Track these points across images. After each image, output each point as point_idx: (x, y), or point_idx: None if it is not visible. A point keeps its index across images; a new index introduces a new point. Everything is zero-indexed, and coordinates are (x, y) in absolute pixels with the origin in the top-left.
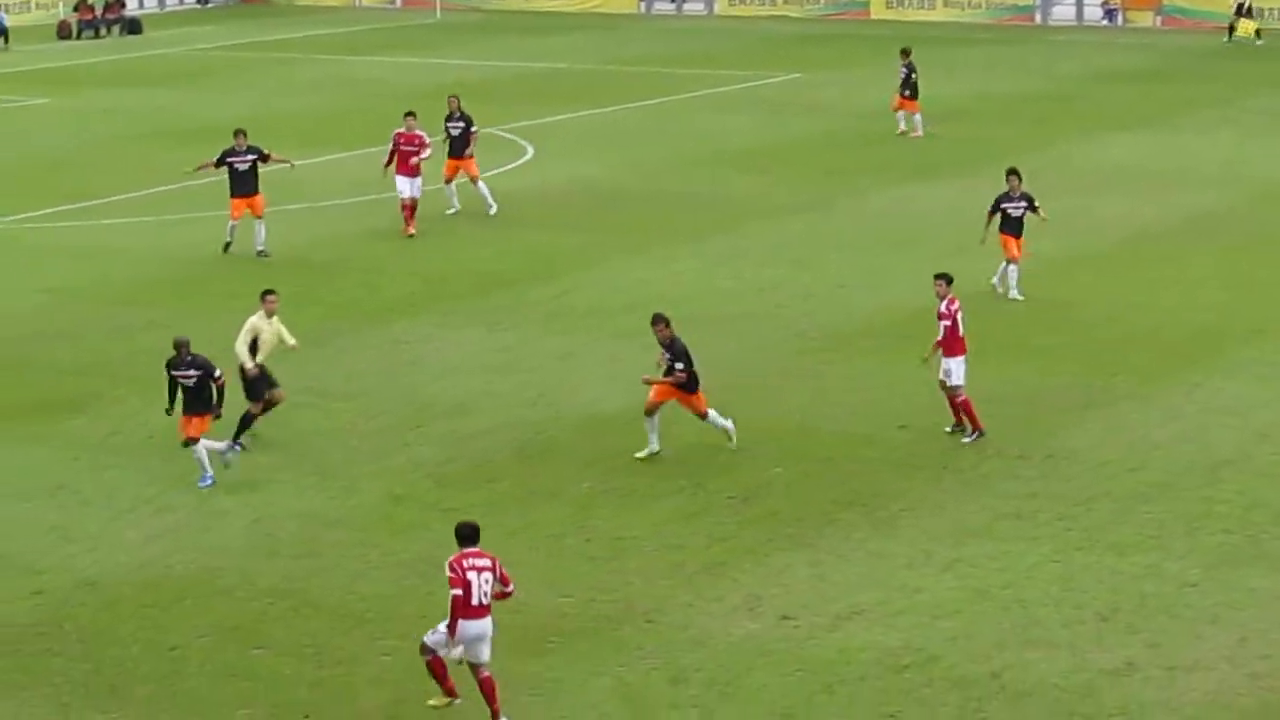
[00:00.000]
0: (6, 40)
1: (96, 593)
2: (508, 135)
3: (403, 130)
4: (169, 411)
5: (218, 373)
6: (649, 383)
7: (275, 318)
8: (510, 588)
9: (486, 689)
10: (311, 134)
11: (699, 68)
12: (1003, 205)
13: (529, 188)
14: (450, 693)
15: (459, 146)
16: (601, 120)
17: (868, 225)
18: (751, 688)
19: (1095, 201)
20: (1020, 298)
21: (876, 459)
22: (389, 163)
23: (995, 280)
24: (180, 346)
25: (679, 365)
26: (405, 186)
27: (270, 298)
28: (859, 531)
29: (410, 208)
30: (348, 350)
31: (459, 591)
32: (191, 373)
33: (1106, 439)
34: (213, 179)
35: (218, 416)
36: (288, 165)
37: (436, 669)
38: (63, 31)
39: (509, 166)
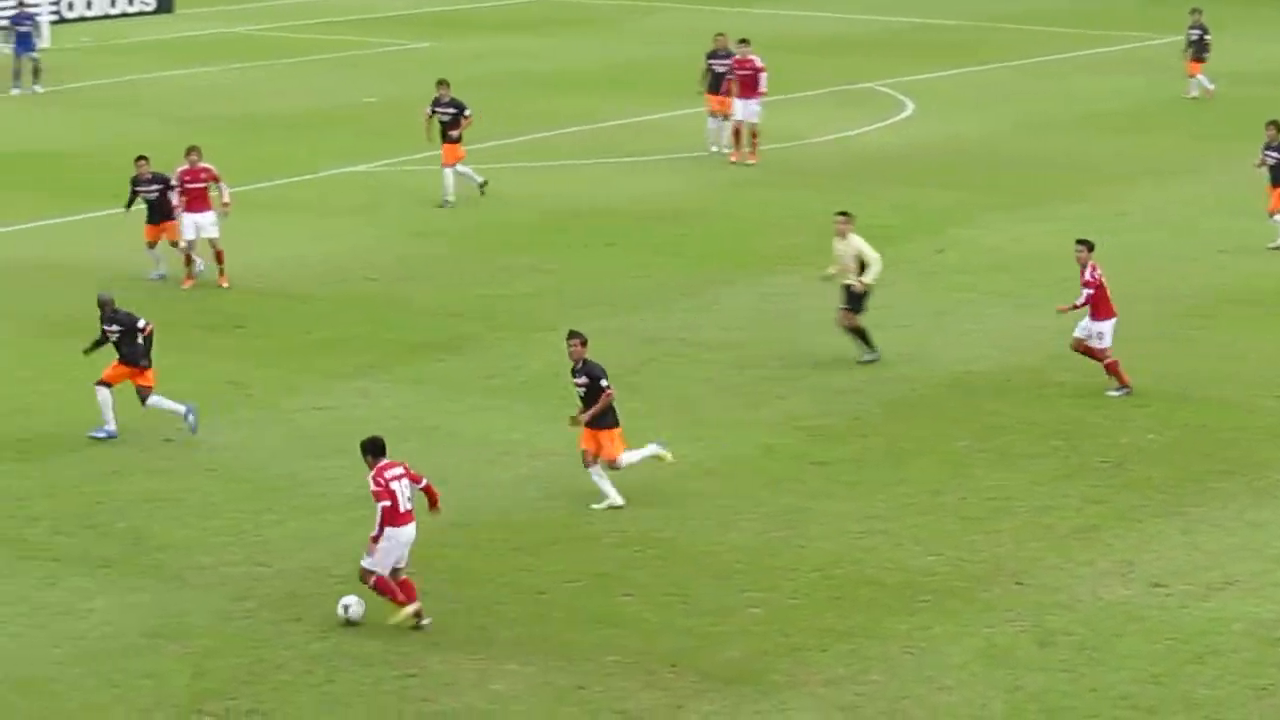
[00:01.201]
0: None
1: (466, 534)
2: (887, 90)
3: (737, 56)
4: (85, 352)
5: (141, 323)
6: (576, 422)
7: (852, 239)
8: (424, 481)
9: (406, 589)
10: (670, 84)
11: (1079, 27)
12: (1264, 154)
13: (908, 143)
14: (404, 602)
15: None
16: (980, 78)
17: (1246, 190)
18: (1120, 653)
19: None
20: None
21: (1254, 427)
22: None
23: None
24: (103, 305)
25: (604, 383)
26: (739, 109)
27: (839, 219)
28: (1236, 501)
29: (742, 132)
30: (720, 300)
31: (388, 503)
32: (115, 328)
33: None
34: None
35: (146, 366)
36: (467, 119)
37: (383, 586)
38: None
39: (888, 121)
